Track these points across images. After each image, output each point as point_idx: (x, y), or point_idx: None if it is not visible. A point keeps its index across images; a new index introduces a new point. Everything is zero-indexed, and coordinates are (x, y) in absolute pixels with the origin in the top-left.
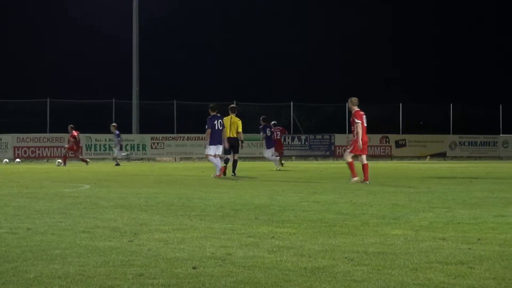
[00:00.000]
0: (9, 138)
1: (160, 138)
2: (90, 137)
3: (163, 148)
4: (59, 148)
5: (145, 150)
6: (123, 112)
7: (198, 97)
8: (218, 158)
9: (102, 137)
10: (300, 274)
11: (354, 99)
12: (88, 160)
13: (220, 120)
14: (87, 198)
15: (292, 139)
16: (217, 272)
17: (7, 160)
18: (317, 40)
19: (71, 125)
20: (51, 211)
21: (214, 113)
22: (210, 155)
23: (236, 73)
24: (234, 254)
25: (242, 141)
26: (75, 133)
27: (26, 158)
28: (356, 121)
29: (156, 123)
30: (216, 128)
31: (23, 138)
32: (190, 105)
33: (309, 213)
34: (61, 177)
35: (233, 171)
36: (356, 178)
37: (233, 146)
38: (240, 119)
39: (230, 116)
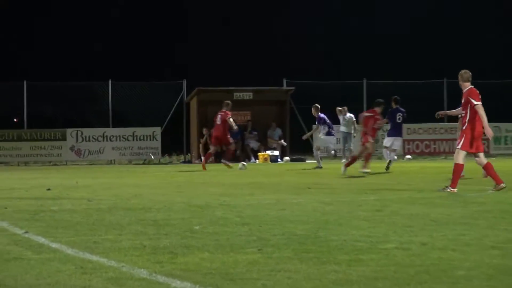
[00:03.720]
0: None
1: None
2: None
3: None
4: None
5: None
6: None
7: None
8: (387, 152)
9: None
10: None
11: (466, 73)
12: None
13: (400, 114)
14: (496, 204)
15: None
16: None
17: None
18: None
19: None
20: (451, 220)
21: (397, 106)
22: (386, 146)
23: None
24: None
25: None
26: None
27: (418, 154)
28: (475, 102)
29: None
30: (397, 120)
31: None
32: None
33: None
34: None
35: None
36: (453, 189)
37: None
38: None
39: None
